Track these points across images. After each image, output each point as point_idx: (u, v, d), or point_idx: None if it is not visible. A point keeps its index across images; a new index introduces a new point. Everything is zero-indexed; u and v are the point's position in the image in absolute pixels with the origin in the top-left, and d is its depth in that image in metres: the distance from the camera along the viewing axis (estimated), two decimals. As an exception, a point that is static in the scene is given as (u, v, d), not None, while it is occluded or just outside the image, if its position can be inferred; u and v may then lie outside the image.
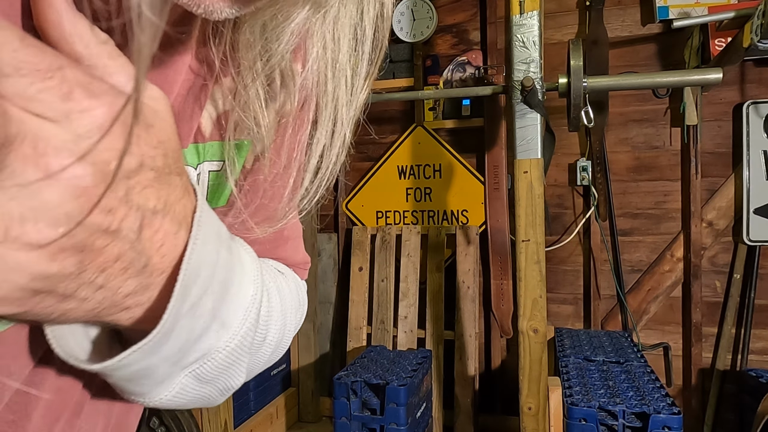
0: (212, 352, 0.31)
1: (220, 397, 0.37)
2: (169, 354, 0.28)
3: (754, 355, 2.48)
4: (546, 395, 1.77)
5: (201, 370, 0.31)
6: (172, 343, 0.28)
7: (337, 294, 3.10)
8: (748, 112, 2.43)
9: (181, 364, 0.30)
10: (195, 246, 0.26)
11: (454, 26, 2.91)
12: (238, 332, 0.32)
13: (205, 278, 0.28)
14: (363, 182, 3.03)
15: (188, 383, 0.32)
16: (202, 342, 0.30)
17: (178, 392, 0.32)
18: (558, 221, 2.77)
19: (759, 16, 1.71)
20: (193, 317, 0.28)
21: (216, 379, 0.33)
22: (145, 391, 0.30)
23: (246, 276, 0.32)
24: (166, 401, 0.32)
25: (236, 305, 0.31)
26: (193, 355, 0.30)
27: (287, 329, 0.43)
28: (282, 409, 2.85)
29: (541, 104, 1.70)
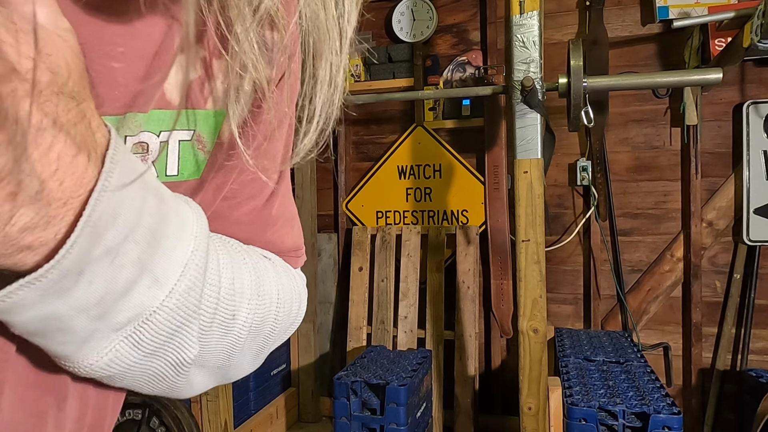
0: (147, 313, 0.29)
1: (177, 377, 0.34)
2: (83, 303, 0.25)
3: (754, 355, 2.49)
4: (546, 395, 1.77)
5: (139, 335, 0.29)
6: (85, 291, 0.25)
7: (337, 294, 3.10)
8: (748, 112, 2.43)
9: (108, 322, 0.27)
10: (107, 183, 0.24)
11: (454, 26, 2.91)
12: (175, 290, 0.29)
13: (126, 222, 0.25)
14: (363, 182, 3.03)
15: (125, 351, 0.29)
16: (131, 298, 0.27)
17: (114, 360, 0.29)
18: (558, 221, 2.77)
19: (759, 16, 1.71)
20: (112, 265, 0.26)
21: (161, 350, 0.31)
22: (69, 352, 0.28)
23: (185, 230, 0.30)
24: (99, 368, 0.29)
25: (172, 260, 0.29)
26: (123, 313, 0.28)
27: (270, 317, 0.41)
28: (282, 409, 2.85)
29: (541, 104, 1.70)
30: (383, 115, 3.05)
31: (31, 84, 0.21)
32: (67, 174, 0.23)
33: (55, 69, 0.22)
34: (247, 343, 0.39)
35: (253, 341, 0.40)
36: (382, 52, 2.92)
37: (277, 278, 0.43)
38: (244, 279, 0.37)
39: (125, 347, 0.29)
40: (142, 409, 2.15)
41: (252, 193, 0.42)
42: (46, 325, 0.26)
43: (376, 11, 3.02)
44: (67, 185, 0.23)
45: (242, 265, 0.38)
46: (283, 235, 0.47)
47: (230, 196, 0.41)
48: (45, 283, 0.23)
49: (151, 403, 2.14)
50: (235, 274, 0.36)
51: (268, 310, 0.40)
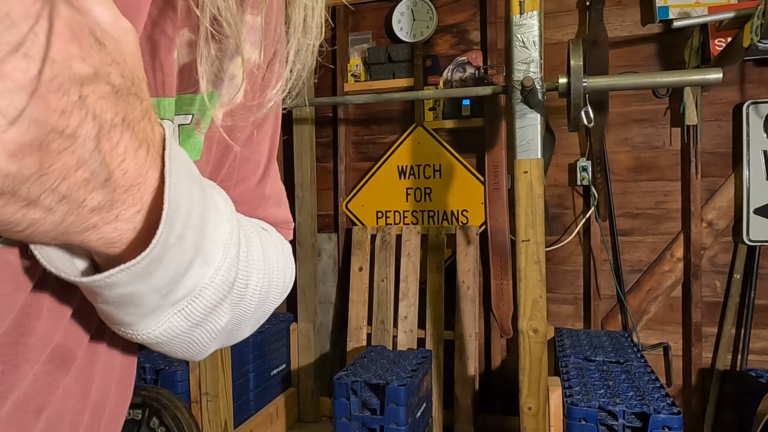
0: (199, 288, 0.32)
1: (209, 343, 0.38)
2: (159, 285, 0.29)
3: (754, 355, 2.49)
4: (546, 395, 1.77)
5: (190, 308, 0.33)
6: (162, 274, 0.29)
7: (337, 294, 3.10)
8: (748, 112, 2.43)
9: (170, 298, 0.31)
10: (171, 178, 0.27)
11: (454, 26, 2.91)
12: (221, 267, 0.33)
13: (185, 211, 0.29)
14: (363, 182, 3.03)
15: (177, 323, 0.33)
16: (189, 277, 0.31)
17: (167, 330, 0.33)
18: (558, 221, 2.77)
19: (759, 16, 1.71)
20: (181, 249, 0.29)
21: (204, 321, 0.35)
22: (133, 322, 0.32)
23: (221, 214, 0.34)
24: (153, 337, 0.33)
25: (215, 241, 0.33)
26: (182, 290, 0.31)
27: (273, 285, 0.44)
28: (282, 409, 2.85)
29: (541, 104, 1.70)
30: (383, 115, 3.05)
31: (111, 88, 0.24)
32: (130, 165, 0.26)
33: (125, 73, 0.25)
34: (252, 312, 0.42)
35: (258, 309, 0.43)
36: (382, 52, 2.92)
37: (275, 248, 0.46)
38: (254, 251, 0.40)
39: (178, 319, 0.33)
40: (142, 409, 2.15)
41: (245, 175, 0.45)
42: (125, 301, 0.30)
43: (376, 11, 3.02)
44: (130, 174, 0.26)
45: (252, 237, 0.41)
46: (276, 210, 0.50)
47: (225, 178, 0.43)
48: (138, 268, 0.27)
49: (151, 403, 2.14)
50: (249, 247, 0.39)
51: (272, 279, 0.44)
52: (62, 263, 0.29)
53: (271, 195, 0.49)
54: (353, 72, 3.00)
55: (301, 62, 0.40)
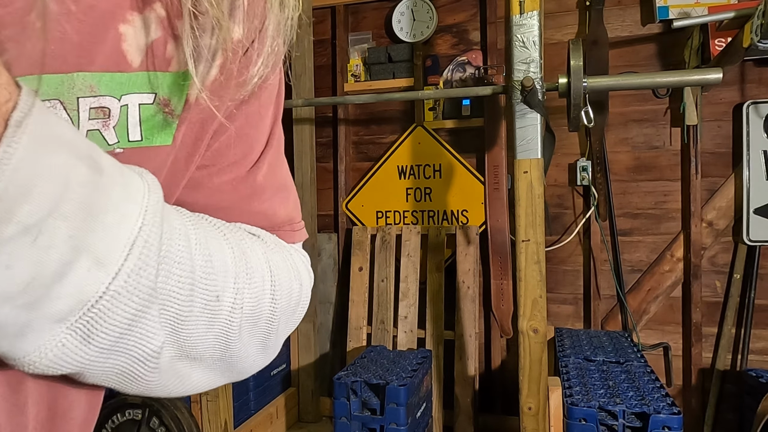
0: (92, 300, 0.26)
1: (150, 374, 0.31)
2: (3, 291, 0.23)
3: (754, 355, 2.49)
4: (546, 395, 1.77)
5: (87, 326, 0.26)
6: (4, 275, 0.22)
7: (337, 294, 3.10)
8: (748, 112, 2.43)
9: (42, 311, 0.24)
10: (11, 150, 0.21)
11: (454, 26, 2.91)
12: (122, 271, 0.26)
13: (46, 195, 0.23)
14: (363, 182, 3.03)
15: (73, 345, 0.26)
16: (68, 283, 0.24)
17: (61, 357, 0.26)
18: (558, 221, 2.77)
19: (759, 16, 1.71)
20: (34, 245, 0.23)
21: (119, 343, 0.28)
22: (5, 349, 0.25)
23: (132, 204, 0.27)
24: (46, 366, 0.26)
25: (115, 238, 0.26)
26: (60, 301, 0.25)
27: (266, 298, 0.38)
28: (282, 409, 2.85)
29: (541, 104, 1.70)
30: (383, 115, 3.05)
31: None
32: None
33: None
34: (245, 329, 0.37)
35: (253, 328, 0.38)
36: (382, 52, 2.92)
37: (266, 255, 0.40)
38: (225, 256, 0.34)
39: (73, 341, 0.26)
40: (142, 409, 2.15)
41: (233, 160, 0.40)
42: None
43: (376, 11, 3.02)
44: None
45: (222, 241, 0.35)
46: (275, 206, 0.44)
47: (209, 163, 0.39)
48: None
49: (151, 403, 2.14)
50: (213, 251, 0.33)
51: (261, 291, 0.37)
52: None
53: (266, 186, 0.43)
54: (353, 72, 2.99)
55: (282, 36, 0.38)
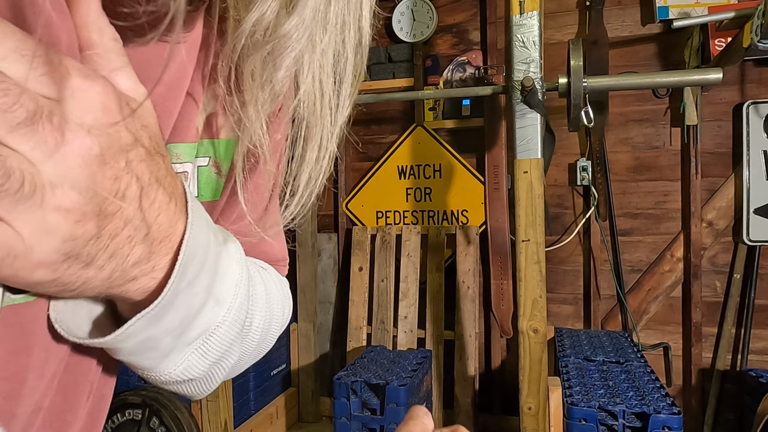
0: (212, 328, 0.34)
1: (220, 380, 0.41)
2: (170, 326, 0.31)
3: (754, 355, 2.48)
4: (546, 395, 1.77)
5: (205, 347, 0.35)
6: (173, 316, 0.31)
7: (337, 294, 3.10)
8: (748, 112, 2.43)
9: (184, 339, 0.33)
10: (192, 229, 0.30)
11: (454, 26, 2.91)
12: (231, 307, 0.35)
13: (200, 258, 0.31)
14: (363, 182, 3.03)
15: (195, 361, 0.35)
16: (201, 318, 0.33)
17: (186, 369, 0.35)
18: (558, 221, 2.77)
19: (759, 16, 1.71)
20: (191, 293, 0.31)
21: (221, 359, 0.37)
22: (153, 365, 0.33)
23: (231, 257, 0.36)
24: (174, 376, 0.35)
25: (226, 283, 0.35)
26: (195, 330, 0.33)
27: (273, 321, 0.46)
28: (282, 409, 2.85)
29: (541, 104, 1.70)
30: (383, 115, 3.04)
31: (145, 150, 0.27)
32: (164, 218, 0.29)
33: (151, 134, 0.28)
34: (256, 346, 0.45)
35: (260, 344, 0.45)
36: (382, 52, 2.92)
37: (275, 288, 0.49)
38: (257, 290, 0.43)
39: (195, 357, 0.35)
40: (142, 409, 2.15)
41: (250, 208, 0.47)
42: (143, 347, 0.31)
43: (376, 11, 3.02)
44: (163, 227, 0.29)
45: (255, 277, 0.43)
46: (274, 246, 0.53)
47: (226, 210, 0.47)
48: (153, 313, 0.29)
49: (151, 403, 2.14)
50: (253, 287, 0.41)
51: (273, 315, 0.46)
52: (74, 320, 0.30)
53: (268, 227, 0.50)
54: (353, 72, 2.99)
55: (309, 191, 0.42)
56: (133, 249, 0.27)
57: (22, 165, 0.21)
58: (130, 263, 0.27)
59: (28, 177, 0.22)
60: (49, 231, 0.23)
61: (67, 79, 0.23)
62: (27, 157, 0.22)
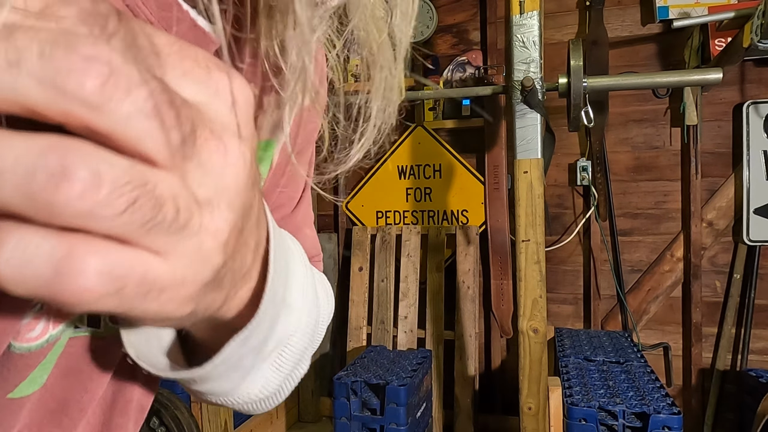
0: (286, 338, 0.32)
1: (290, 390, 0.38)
2: (255, 343, 0.28)
3: (754, 355, 2.48)
4: (546, 395, 1.77)
5: (280, 360, 0.32)
6: (258, 332, 0.28)
7: (337, 294, 3.10)
8: (748, 112, 2.43)
9: (262, 354, 0.30)
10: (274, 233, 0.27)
11: (454, 26, 2.91)
12: (302, 313, 0.33)
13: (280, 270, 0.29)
14: (363, 182, 3.03)
15: (271, 376, 0.32)
16: (277, 329, 0.30)
17: (262, 387, 0.32)
18: (558, 221, 2.77)
19: (759, 16, 1.71)
20: (273, 305, 0.28)
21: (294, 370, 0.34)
22: (232, 388, 0.31)
23: (295, 258, 0.33)
24: (253, 396, 0.32)
25: (295, 288, 0.32)
26: (271, 343, 0.30)
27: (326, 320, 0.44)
28: (282, 409, 2.85)
29: (541, 104, 1.70)
30: (383, 115, 3.04)
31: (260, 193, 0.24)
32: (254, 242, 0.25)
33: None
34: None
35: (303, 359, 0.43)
36: (382, 52, 2.92)
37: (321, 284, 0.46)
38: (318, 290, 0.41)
39: (271, 372, 0.32)
40: (142, 409, 2.15)
41: (282, 202, 0.45)
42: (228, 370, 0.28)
43: (376, 11, 3.02)
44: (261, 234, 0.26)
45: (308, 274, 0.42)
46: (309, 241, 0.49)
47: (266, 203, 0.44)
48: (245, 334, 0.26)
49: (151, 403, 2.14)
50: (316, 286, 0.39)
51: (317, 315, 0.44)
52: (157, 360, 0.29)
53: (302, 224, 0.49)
54: (353, 72, 2.99)
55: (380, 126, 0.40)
56: (244, 261, 0.23)
57: (176, 189, 0.17)
58: (240, 277, 0.24)
59: (184, 203, 0.17)
60: (203, 260, 0.19)
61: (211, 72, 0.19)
62: (188, 177, 0.18)
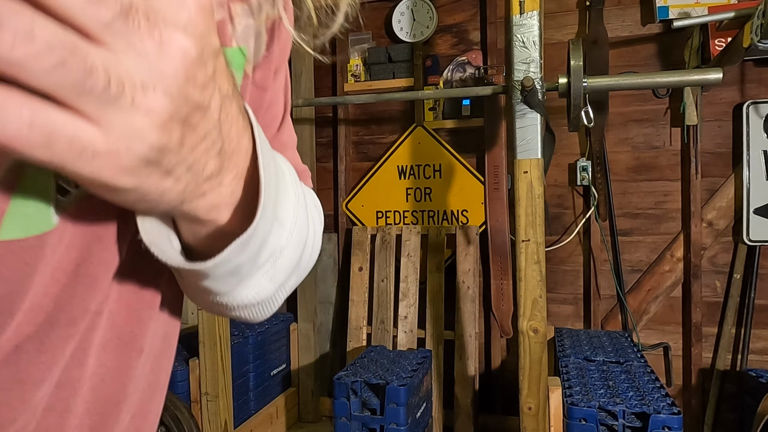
0: (279, 251, 0.35)
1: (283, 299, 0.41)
2: (252, 252, 0.31)
3: (754, 355, 2.48)
4: (546, 395, 1.77)
5: (274, 270, 0.35)
6: (255, 240, 0.31)
7: (337, 294, 3.10)
8: (748, 112, 2.43)
9: (257, 263, 0.33)
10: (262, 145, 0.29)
11: (454, 26, 2.91)
12: (293, 230, 0.35)
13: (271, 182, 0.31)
14: (363, 182, 3.03)
15: (265, 285, 0.36)
16: (270, 240, 0.33)
17: (257, 293, 0.36)
18: (558, 221, 2.77)
19: (759, 16, 1.71)
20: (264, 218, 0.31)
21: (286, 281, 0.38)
22: (229, 290, 0.34)
23: (286, 177, 0.36)
24: (246, 300, 0.36)
25: (286, 205, 0.35)
26: (265, 254, 0.33)
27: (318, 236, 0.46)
28: (282, 409, 2.85)
29: (541, 104, 1.70)
30: (383, 115, 3.04)
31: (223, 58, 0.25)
32: (234, 132, 0.27)
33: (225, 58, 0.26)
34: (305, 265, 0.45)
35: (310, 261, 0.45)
36: (382, 52, 2.92)
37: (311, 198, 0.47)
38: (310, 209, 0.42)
39: (265, 281, 0.35)
40: (142, 409, 2.15)
41: (266, 122, 0.46)
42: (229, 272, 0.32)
43: (376, 11, 3.02)
44: (233, 141, 0.28)
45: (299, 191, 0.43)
46: (295, 158, 0.51)
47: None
48: (244, 238, 0.29)
49: (151, 403, 2.14)
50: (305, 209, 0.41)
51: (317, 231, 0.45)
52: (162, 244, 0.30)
53: (288, 144, 0.51)
54: (353, 72, 2.99)
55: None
56: (208, 163, 0.26)
57: (108, 63, 0.20)
58: (204, 177, 0.26)
59: (115, 76, 0.20)
60: (136, 135, 0.21)
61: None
62: (120, 55, 0.20)
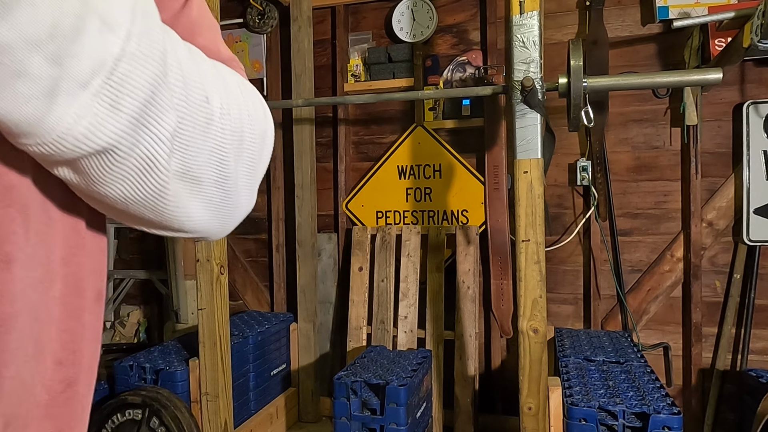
0: (112, 62, 0.26)
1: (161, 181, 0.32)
2: (32, 34, 0.23)
3: (754, 355, 2.49)
4: (546, 395, 1.77)
5: (114, 92, 0.27)
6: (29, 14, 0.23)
7: (337, 294, 3.10)
8: (748, 112, 2.43)
9: (69, 69, 0.25)
10: None
11: (454, 26, 2.91)
12: (131, 35, 0.27)
13: None
14: (363, 182, 3.03)
15: (103, 112, 0.27)
16: (85, 40, 0.25)
17: (93, 125, 0.27)
18: (558, 221, 2.77)
19: (759, 16, 1.71)
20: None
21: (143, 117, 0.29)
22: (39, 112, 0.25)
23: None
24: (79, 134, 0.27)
25: (116, 3, 0.26)
26: (83, 60, 0.25)
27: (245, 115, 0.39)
28: (282, 409, 2.85)
29: (541, 104, 1.70)
30: (383, 115, 3.04)
31: None
32: None
33: None
34: (233, 147, 0.37)
35: (239, 147, 0.38)
36: (382, 52, 2.92)
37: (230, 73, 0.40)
38: (206, 64, 0.35)
39: (102, 109, 0.27)
40: (142, 409, 2.15)
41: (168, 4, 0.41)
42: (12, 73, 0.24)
43: (376, 11, 3.02)
44: None
45: (195, 52, 0.36)
46: (217, 42, 0.44)
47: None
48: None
49: (151, 403, 2.14)
50: (194, 58, 0.34)
51: (237, 104, 0.38)
52: None
53: (202, 23, 0.43)
54: (353, 72, 2.99)
55: None
56: None
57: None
58: None
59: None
60: None
61: None
62: None
